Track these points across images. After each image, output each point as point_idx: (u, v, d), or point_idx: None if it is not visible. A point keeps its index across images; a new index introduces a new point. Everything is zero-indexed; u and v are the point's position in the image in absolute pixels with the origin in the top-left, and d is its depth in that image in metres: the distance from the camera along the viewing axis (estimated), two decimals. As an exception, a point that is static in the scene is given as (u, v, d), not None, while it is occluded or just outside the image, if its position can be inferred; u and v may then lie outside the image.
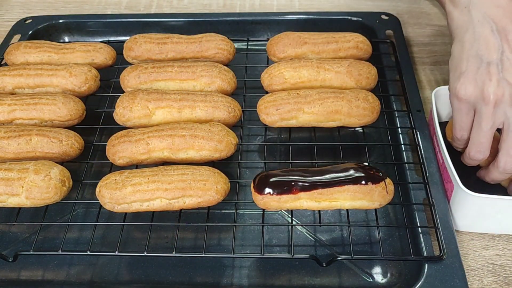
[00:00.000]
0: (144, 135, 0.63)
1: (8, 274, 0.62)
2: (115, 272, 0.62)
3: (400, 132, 0.71)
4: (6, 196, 0.59)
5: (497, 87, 0.55)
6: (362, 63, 0.72)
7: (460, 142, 0.63)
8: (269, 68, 0.73)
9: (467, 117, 0.59)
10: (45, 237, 0.65)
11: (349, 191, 0.57)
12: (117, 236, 0.60)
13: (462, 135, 0.61)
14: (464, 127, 0.60)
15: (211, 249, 0.63)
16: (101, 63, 0.77)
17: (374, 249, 0.63)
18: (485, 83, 0.56)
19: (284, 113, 0.67)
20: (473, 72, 0.57)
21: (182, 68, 0.72)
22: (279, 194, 0.57)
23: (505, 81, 0.55)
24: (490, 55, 0.57)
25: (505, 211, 0.58)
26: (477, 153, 0.59)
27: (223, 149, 0.63)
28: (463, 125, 0.60)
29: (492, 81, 0.55)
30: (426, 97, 0.79)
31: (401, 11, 0.96)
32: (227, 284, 0.60)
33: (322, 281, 0.60)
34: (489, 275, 0.59)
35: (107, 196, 0.59)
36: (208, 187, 0.58)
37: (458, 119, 0.60)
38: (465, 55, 0.58)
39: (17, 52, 0.77)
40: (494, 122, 0.56)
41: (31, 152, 0.64)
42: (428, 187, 0.63)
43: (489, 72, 0.56)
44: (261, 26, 0.91)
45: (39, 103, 0.68)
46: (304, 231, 0.65)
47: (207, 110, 0.67)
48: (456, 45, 0.61)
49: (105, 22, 0.93)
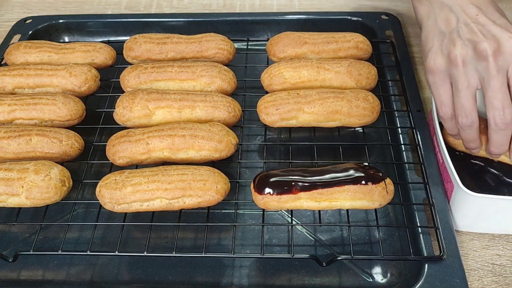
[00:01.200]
0: (144, 135, 0.63)
1: (8, 274, 0.62)
2: (115, 272, 0.62)
3: (400, 132, 0.71)
4: (6, 196, 0.59)
5: (461, 49, 0.57)
6: (362, 63, 0.72)
7: (449, 123, 0.62)
8: (269, 68, 0.73)
9: (443, 88, 0.60)
10: (45, 237, 0.65)
11: (349, 191, 0.57)
12: (117, 236, 0.60)
13: (446, 112, 0.60)
14: (443, 101, 0.60)
15: (211, 249, 0.63)
16: (101, 63, 0.77)
17: (374, 249, 0.63)
18: (450, 49, 0.58)
19: (284, 113, 0.67)
20: (438, 45, 0.61)
21: (182, 68, 0.72)
22: (279, 194, 0.57)
23: (467, 41, 0.57)
24: (450, 26, 0.61)
25: (505, 211, 0.58)
26: (464, 118, 0.58)
27: (223, 149, 0.63)
28: (442, 99, 0.60)
29: (456, 45, 0.58)
30: (426, 97, 0.79)
31: (401, 11, 0.96)
32: (227, 284, 0.60)
33: (322, 281, 0.60)
34: (489, 275, 0.59)
35: (107, 196, 0.59)
36: (208, 187, 0.58)
37: (436, 94, 0.61)
38: (430, 34, 0.63)
39: (17, 52, 0.77)
40: (469, 81, 0.57)
41: (31, 152, 0.64)
42: (428, 187, 0.63)
43: (452, 39, 0.59)
44: (261, 26, 0.91)
45: (39, 103, 0.68)
46: (304, 231, 0.65)
47: (207, 110, 0.67)
48: (422, 33, 0.66)
49: (105, 22, 0.93)
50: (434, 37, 0.62)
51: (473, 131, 0.59)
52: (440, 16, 0.63)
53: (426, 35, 0.64)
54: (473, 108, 0.58)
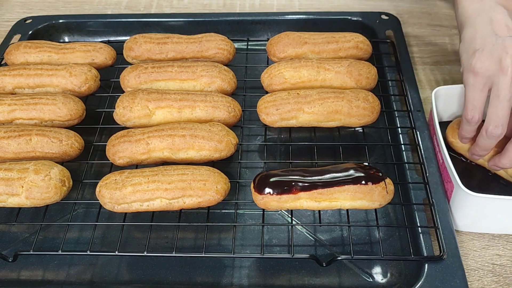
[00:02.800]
0: (144, 135, 0.63)
1: (8, 274, 0.62)
2: (115, 272, 0.62)
3: (400, 132, 0.71)
4: (6, 196, 0.59)
5: None
6: (362, 63, 0.72)
7: (471, 127, 0.60)
8: (269, 68, 0.73)
9: (481, 94, 0.58)
10: (45, 237, 0.65)
11: (349, 191, 0.57)
12: (117, 236, 0.60)
13: (474, 116, 0.59)
14: (476, 105, 0.58)
15: (211, 249, 0.63)
16: (101, 63, 0.77)
17: (374, 249, 0.63)
18: (501, 56, 0.56)
19: (284, 113, 0.67)
20: (488, 48, 0.57)
21: (182, 68, 0.72)
22: (279, 194, 0.57)
23: None
24: (505, 32, 0.57)
25: (505, 211, 0.58)
26: (495, 128, 0.56)
27: (223, 149, 0.63)
28: (475, 103, 0.58)
29: (508, 53, 0.55)
30: (426, 97, 0.79)
31: (401, 11, 0.96)
32: (227, 284, 0.60)
33: (322, 281, 0.60)
34: (489, 275, 0.59)
35: (107, 196, 0.59)
36: (208, 187, 0.58)
37: (471, 96, 0.58)
38: (479, 34, 0.59)
39: (17, 52, 0.77)
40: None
41: (31, 152, 0.64)
42: (428, 187, 0.63)
43: (505, 46, 0.56)
44: (261, 26, 0.91)
45: (39, 103, 0.68)
46: (304, 231, 0.65)
47: (207, 110, 0.67)
48: (467, 30, 0.61)
49: (105, 22, 0.93)
50: (484, 37, 0.58)
51: (494, 142, 0.58)
52: (493, 17, 0.59)
53: (473, 34, 0.60)
54: (506, 120, 0.56)
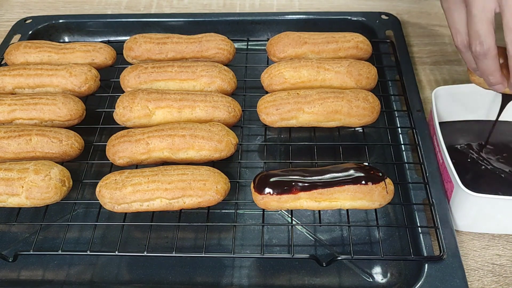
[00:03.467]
0: (144, 135, 0.63)
1: (8, 274, 0.62)
2: (115, 272, 0.62)
3: (400, 132, 0.71)
4: (6, 196, 0.59)
5: None
6: (362, 63, 0.72)
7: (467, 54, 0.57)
8: (269, 68, 0.73)
9: (458, 14, 0.56)
10: (45, 237, 0.65)
11: (349, 191, 0.57)
12: (117, 236, 0.60)
13: (461, 40, 0.56)
14: (458, 28, 0.56)
15: (211, 249, 0.63)
16: (101, 63, 0.77)
17: (374, 249, 0.63)
18: None
19: (284, 113, 0.67)
20: None
21: (182, 68, 0.72)
22: (279, 194, 0.57)
23: None
24: None
25: (505, 211, 0.58)
26: (478, 46, 0.53)
27: (223, 149, 0.63)
28: (457, 26, 0.56)
29: None
30: (426, 97, 0.79)
31: (401, 11, 0.96)
32: (227, 284, 0.60)
33: (322, 281, 0.60)
34: (489, 275, 0.59)
35: (107, 196, 0.59)
36: (208, 187, 0.58)
37: (450, 21, 0.57)
38: None
39: (17, 52, 0.77)
40: (485, 3, 0.52)
41: (31, 152, 0.64)
42: (428, 187, 0.63)
43: None
44: (261, 26, 0.91)
45: (39, 103, 0.68)
46: (304, 231, 0.65)
47: (207, 110, 0.67)
48: None
49: (105, 22, 0.93)
50: None
51: (491, 61, 0.53)
52: None
53: None
54: (488, 33, 0.52)
